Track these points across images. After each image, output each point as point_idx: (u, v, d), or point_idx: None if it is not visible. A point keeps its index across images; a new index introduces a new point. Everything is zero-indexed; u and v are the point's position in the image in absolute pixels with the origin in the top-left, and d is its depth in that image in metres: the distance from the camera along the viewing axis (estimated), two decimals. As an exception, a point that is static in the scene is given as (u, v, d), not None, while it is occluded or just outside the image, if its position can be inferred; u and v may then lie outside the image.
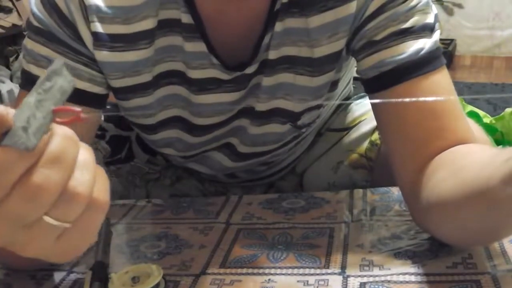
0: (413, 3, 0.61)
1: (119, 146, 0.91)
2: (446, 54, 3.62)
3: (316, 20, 0.63)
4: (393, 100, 0.61)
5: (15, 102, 0.67)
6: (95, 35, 0.62)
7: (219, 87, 0.68)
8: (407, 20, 0.61)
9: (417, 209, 0.60)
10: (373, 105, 0.66)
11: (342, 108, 0.92)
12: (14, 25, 2.59)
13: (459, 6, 3.67)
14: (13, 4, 2.62)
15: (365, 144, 0.86)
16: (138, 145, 0.91)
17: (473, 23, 3.68)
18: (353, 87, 0.93)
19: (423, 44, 0.61)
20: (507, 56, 3.67)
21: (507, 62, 3.68)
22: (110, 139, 0.90)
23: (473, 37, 3.71)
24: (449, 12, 3.71)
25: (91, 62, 0.64)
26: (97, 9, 0.62)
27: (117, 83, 0.66)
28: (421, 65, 0.61)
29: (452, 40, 3.68)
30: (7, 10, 2.62)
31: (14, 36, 2.61)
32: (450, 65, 3.63)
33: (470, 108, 1.59)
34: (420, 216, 0.60)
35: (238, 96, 0.70)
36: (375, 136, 0.84)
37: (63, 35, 0.63)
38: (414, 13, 0.61)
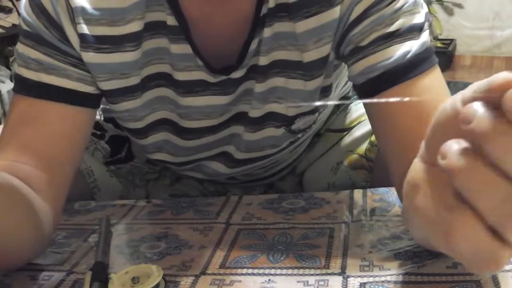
0: (398, 5, 0.60)
1: (118, 146, 0.91)
2: (446, 54, 3.64)
3: (302, 26, 0.63)
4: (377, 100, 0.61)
5: (10, 107, 0.68)
6: (82, 36, 0.63)
7: (206, 90, 0.69)
8: (392, 23, 0.60)
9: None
10: (366, 109, 0.66)
11: (342, 108, 0.92)
12: (14, 25, 2.59)
13: (459, 6, 3.68)
14: (13, 4, 2.62)
15: (365, 144, 0.86)
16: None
17: (473, 23, 3.68)
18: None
19: (410, 46, 0.60)
20: (507, 56, 3.68)
21: (507, 62, 3.68)
22: (110, 139, 0.91)
23: (473, 37, 3.71)
24: (449, 12, 3.71)
25: (80, 63, 0.65)
26: (83, 11, 0.62)
27: (105, 85, 0.67)
28: (408, 69, 0.60)
29: (452, 40, 3.68)
30: (7, 10, 2.63)
31: (14, 36, 2.61)
32: (450, 65, 3.64)
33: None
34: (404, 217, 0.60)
35: (227, 100, 0.70)
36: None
37: (51, 37, 0.63)
38: (400, 15, 0.60)
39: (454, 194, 0.32)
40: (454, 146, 0.31)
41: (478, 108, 0.30)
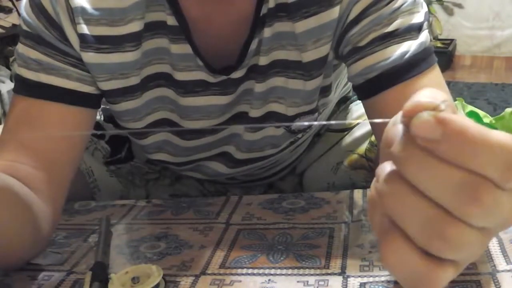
0: (397, 5, 0.60)
1: (119, 146, 0.91)
2: (446, 54, 3.64)
3: (302, 26, 0.63)
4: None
5: (10, 107, 0.68)
6: (81, 36, 0.63)
7: (206, 90, 0.69)
8: (390, 23, 0.60)
9: None
10: (366, 111, 0.66)
11: (342, 108, 0.92)
12: (14, 25, 2.59)
13: (459, 6, 3.68)
14: (13, 4, 2.62)
15: (365, 144, 0.86)
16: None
17: (473, 23, 3.68)
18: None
19: (408, 47, 0.60)
20: (507, 56, 3.68)
21: (507, 62, 3.68)
22: (110, 139, 0.91)
23: (473, 37, 3.71)
24: (449, 12, 3.71)
25: (80, 63, 0.65)
26: (83, 11, 0.62)
27: (106, 86, 0.67)
28: (406, 70, 0.59)
29: (452, 40, 3.68)
30: (7, 10, 2.63)
31: (14, 36, 2.61)
32: (450, 65, 3.64)
33: (470, 108, 1.58)
34: None
35: (227, 100, 0.70)
36: (375, 136, 0.84)
37: (51, 38, 0.63)
38: (398, 15, 0.60)
39: (388, 217, 0.31)
40: (387, 168, 0.31)
41: (398, 131, 0.30)
